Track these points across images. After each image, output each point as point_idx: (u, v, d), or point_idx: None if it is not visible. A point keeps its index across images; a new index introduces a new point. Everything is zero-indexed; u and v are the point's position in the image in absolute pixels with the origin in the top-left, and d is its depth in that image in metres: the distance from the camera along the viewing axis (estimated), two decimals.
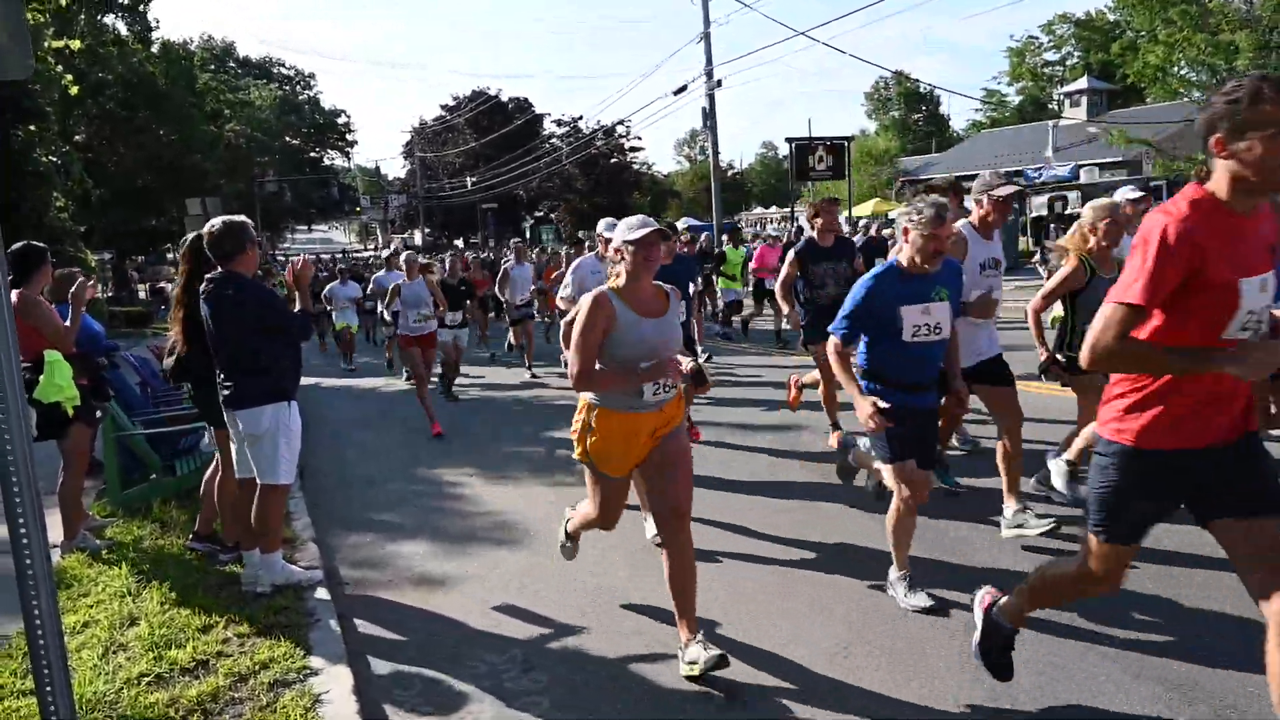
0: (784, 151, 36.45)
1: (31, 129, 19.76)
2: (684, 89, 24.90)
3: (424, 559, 4.98)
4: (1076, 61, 51.61)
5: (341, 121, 71.51)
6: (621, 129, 46.49)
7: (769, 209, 46.03)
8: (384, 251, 19.03)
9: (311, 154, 69.46)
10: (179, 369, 4.81)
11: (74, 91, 20.14)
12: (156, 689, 3.42)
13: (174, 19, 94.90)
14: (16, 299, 4.47)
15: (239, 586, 4.44)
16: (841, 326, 3.83)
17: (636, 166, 54.12)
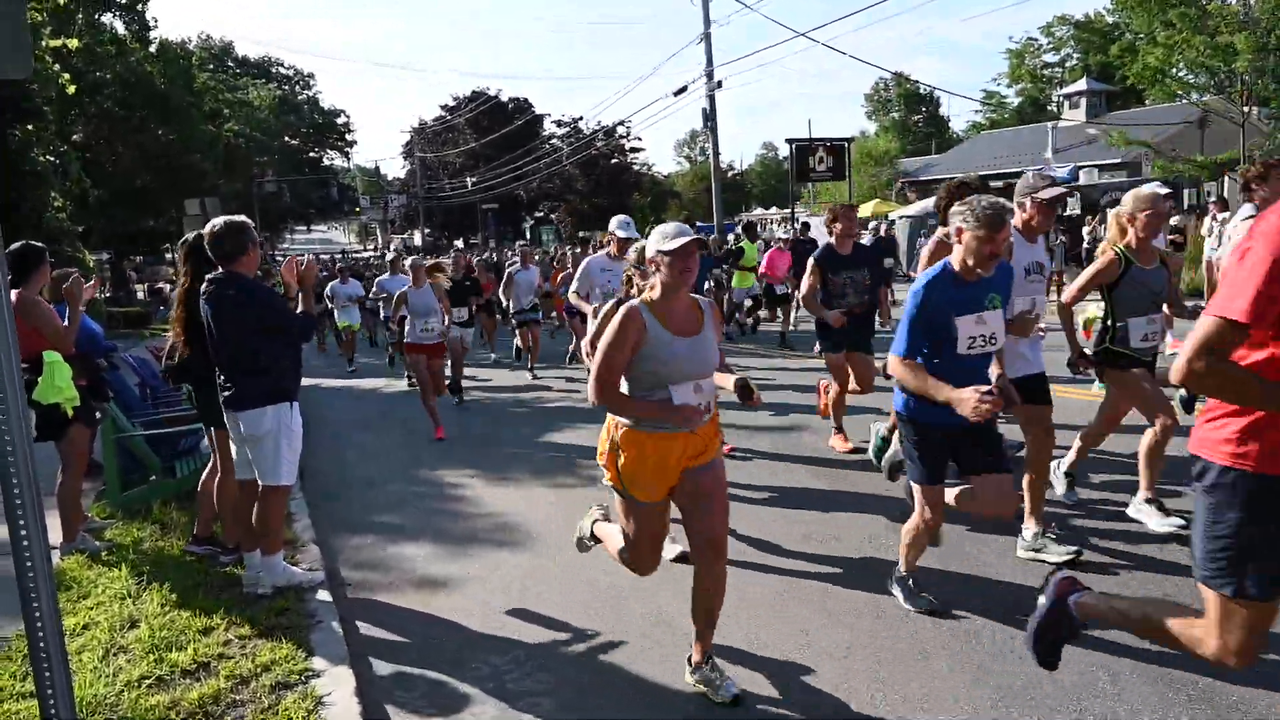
0: (784, 152, 36.54)
1: (29, 128, 19.74)
2: (684, 90, 24.92)
3: (426, 560, 4.96)
4: (1076, 63, 51.72)
5: (341, 121, 71.63)
6: (622, 130, 46.53)
7: (769, 210, 45.99)
8: (389, 256, 18.88)
9: (311, 154, 69.53)
10: (179, 370, 4.80)
11: (71, 91, 20.16)
12: (157, 691, 3.41)
13: (173, 18, 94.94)
14: (15, 299, 4.44)
15: (240, 588, 4.42)
16: (903, 346, 3.54)
17: (637, 167, 54.16)
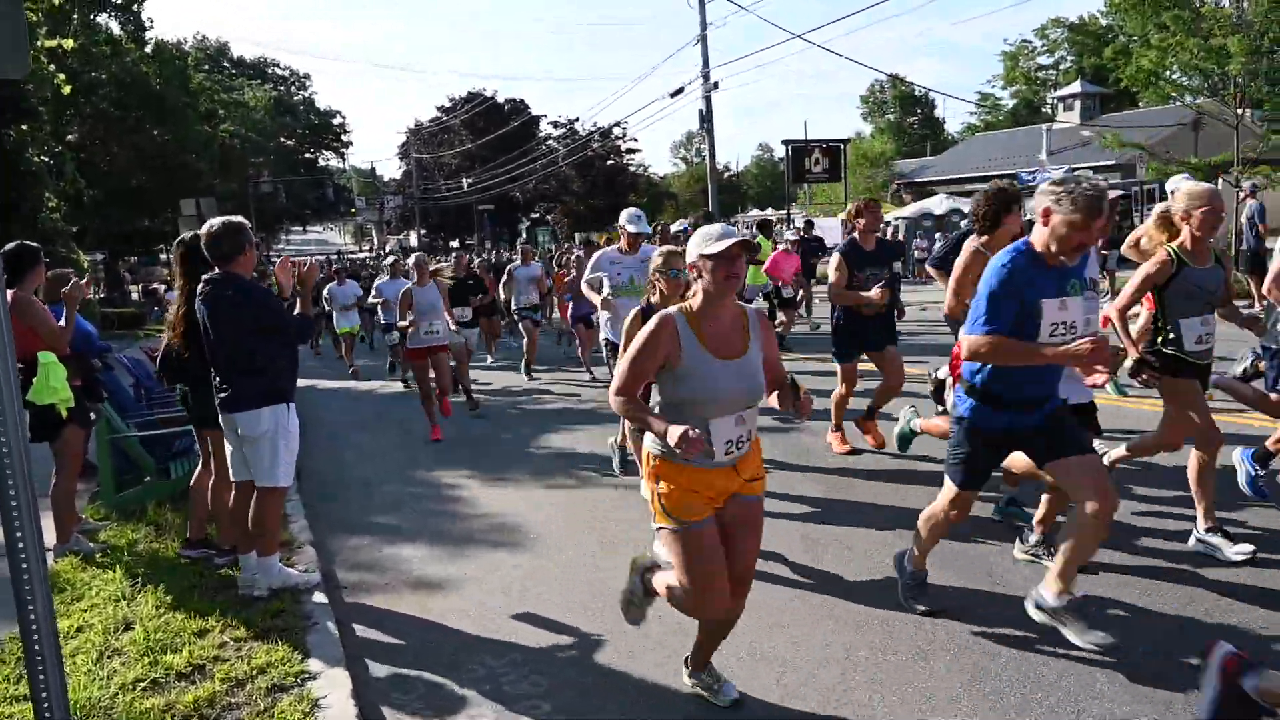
0: (780, 154, 36.53)
1: (24, 129, 19.67)
2: (681, 91, 24.93)
3: (423, 562, 4.95)
4: (1070, 65, 51.95)
5: (337, 122, 71.54)
6: (618, 131, 46.50)
7: (765, 211, 46.05)
8: (387, 258, 18.64)
9: (306, 155, 69.45)
10: (177, 370, 4.77)
11: (67, 91, 20.01)
12: (152, 694, 3.39)
13: (172, 19, 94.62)
14: (11, 299, 4.42)
15: (235, 590, 4.40)
16: (984, 323, 3.15)
17: (633, 168, 54.18)
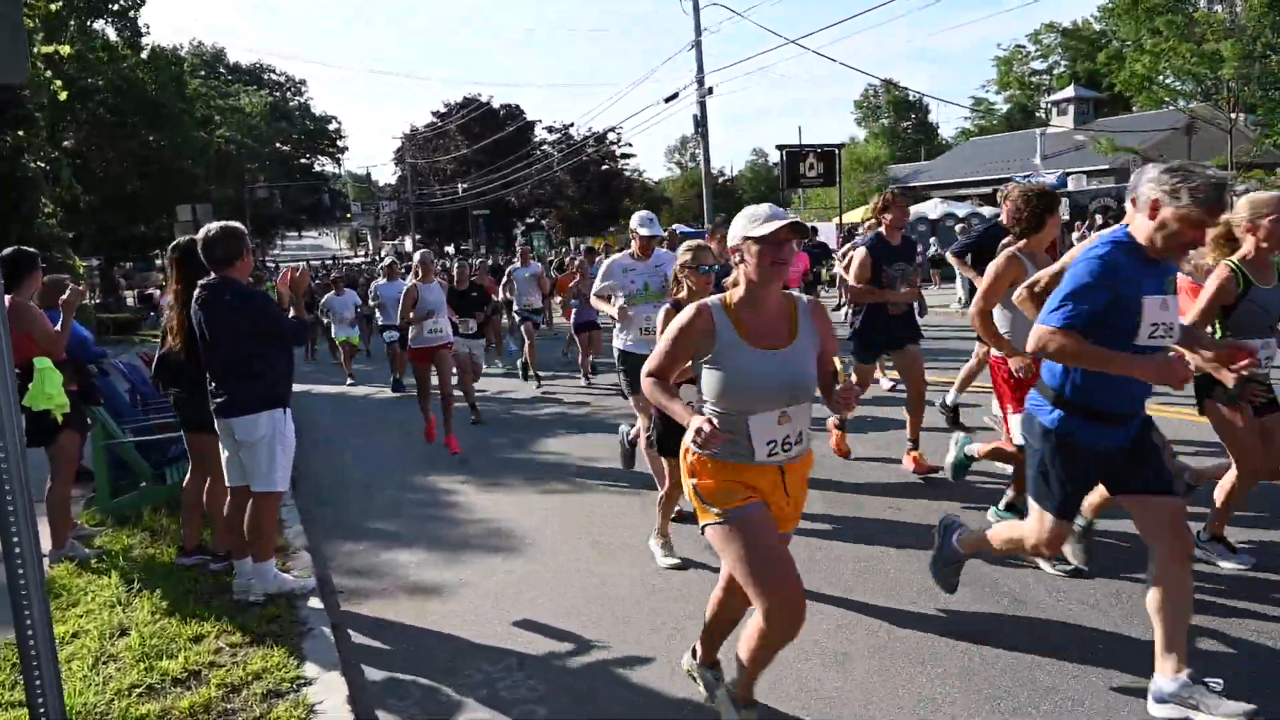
0: (774, 158, 36.60)
1: (20, 134, 19.64)
2: (675, 96, 24.99)
3: (418, 567, 4.95)
4: (1063, 70, 52.21)
5: (332, 128, 71.58)
6: (613, 136, 46.61)
7: None
8: (385, 260, 18.50)
9: (302, 160, 69.49)
10: (173, 374, 4.77)
11: (63, 97, 20.02)
12: (148, 700, 3.39)
13: (171, 21, 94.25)
14: (9, 305, 4.42)
15: (231, 595, 4.40)
16: (1061, 317, 2.74)
17: (628, 173, 54.26)
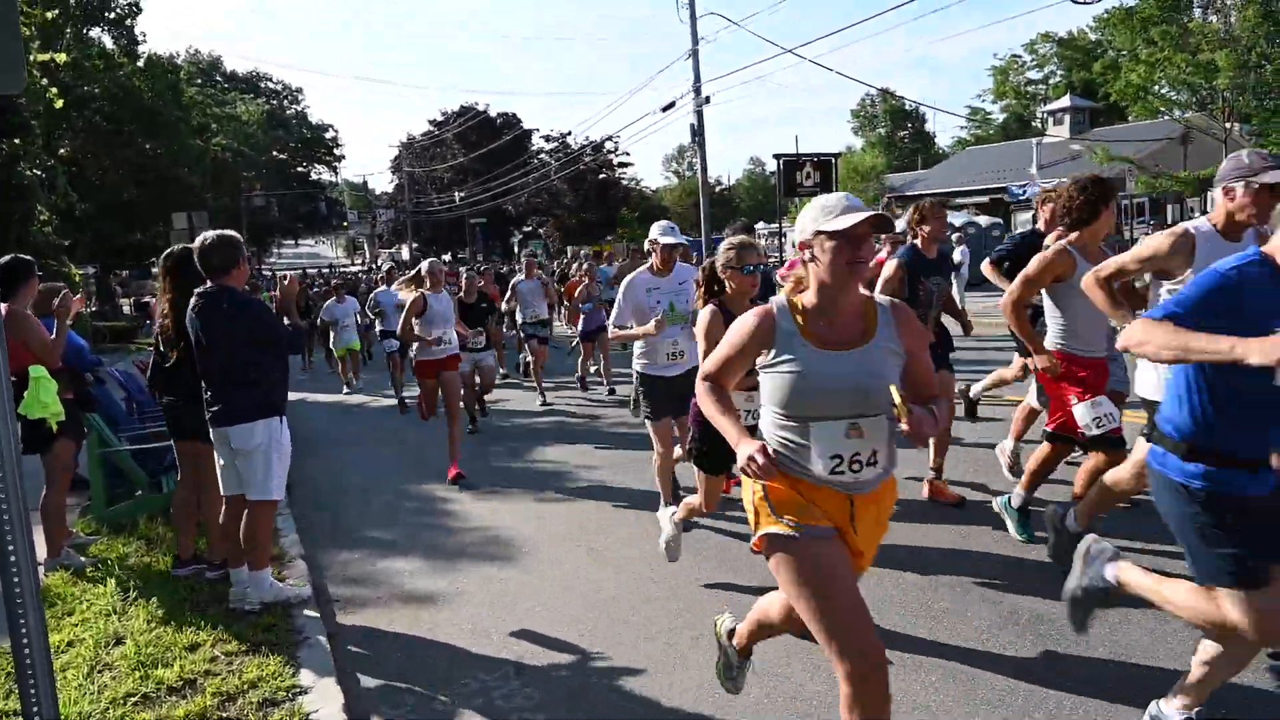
0: (771, 167, 36.79)
1: (16, 142, 19.65)
2: (672, 105, 25.09)
3: (414, 575, 4.94)
4: (1059, 80, 52.53)
5: (329, 136, 71.76)
6: (610, 145, 46.71)
7: (756, 224, 46.28)
8: (384, 267, 18.51)
9: (299, 169, 69.59)
10: (168, 381, 4.77)
11: (59, 105, 20.07)
12: (143, 709, 3.38)
13: (169, 26, 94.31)
14: (5, 313, 4.43)
15: (227, 604, 4.39)
16: (1173, 305, 2.40)
17: (625, 182, 54.39)
